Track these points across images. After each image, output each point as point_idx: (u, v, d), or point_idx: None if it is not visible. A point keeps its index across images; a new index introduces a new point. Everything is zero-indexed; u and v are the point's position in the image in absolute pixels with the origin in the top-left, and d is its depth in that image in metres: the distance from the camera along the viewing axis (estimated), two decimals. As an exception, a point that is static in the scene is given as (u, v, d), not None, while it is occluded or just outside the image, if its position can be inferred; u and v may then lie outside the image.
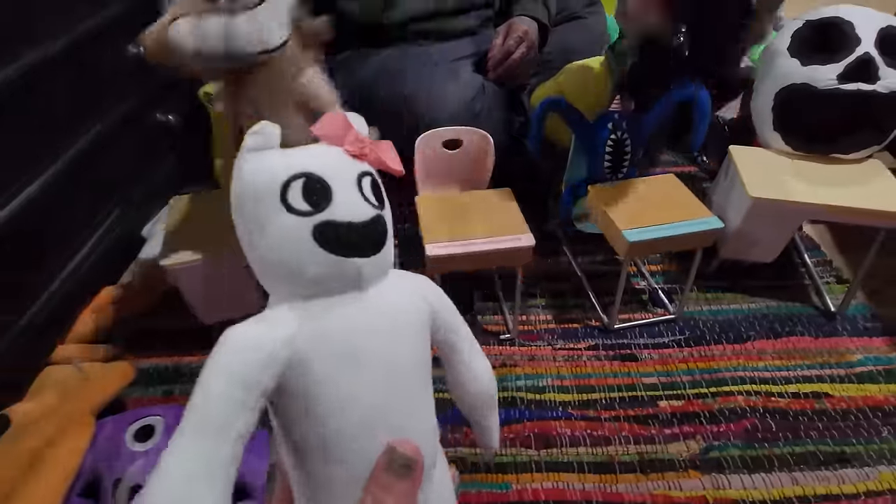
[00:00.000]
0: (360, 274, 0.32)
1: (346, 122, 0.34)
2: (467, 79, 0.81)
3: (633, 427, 0.61)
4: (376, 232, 0.33)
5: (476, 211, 0.64)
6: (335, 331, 0.32)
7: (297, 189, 0.31)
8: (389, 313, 0.34)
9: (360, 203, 0.32)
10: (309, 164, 0.32)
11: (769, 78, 0.71)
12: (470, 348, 0.40)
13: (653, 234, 0.61)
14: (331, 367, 0.31)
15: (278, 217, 0.31)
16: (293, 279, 0.32)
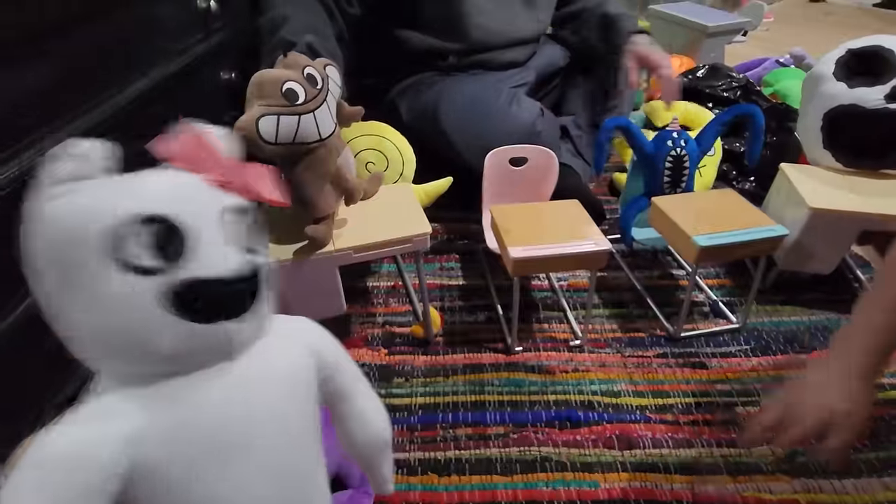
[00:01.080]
0: (230, 340, 0.25)
1: (206, 139, 0.27)
2: (528, 103, 0.87)
3: (714, 431, 0.61)
4: (251, 284, 0.26)
5: (550, 219, 0.68)
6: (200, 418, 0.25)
7: (140, 237, 0.23)
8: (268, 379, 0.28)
9: (228, 249, 0.25)
10: (152, 201, 0.23)
11: (815, 100, 0.75)
12: (357, 391, 0.34)
13: (722, 239, 0.64)
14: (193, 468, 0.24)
15: (108, 277, 0.22)
16: (136, 357, 0.24)
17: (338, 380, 0.33)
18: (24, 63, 0.45)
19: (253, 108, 0.45)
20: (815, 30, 2.16)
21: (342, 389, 0.34)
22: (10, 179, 0.42)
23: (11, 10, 0.43)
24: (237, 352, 0.26)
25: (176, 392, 0.25)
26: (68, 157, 0.23)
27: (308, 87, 0.48)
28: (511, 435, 0.60)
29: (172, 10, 0.66)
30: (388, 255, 0.63)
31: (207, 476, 0.25)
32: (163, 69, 0.63)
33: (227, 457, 0.25)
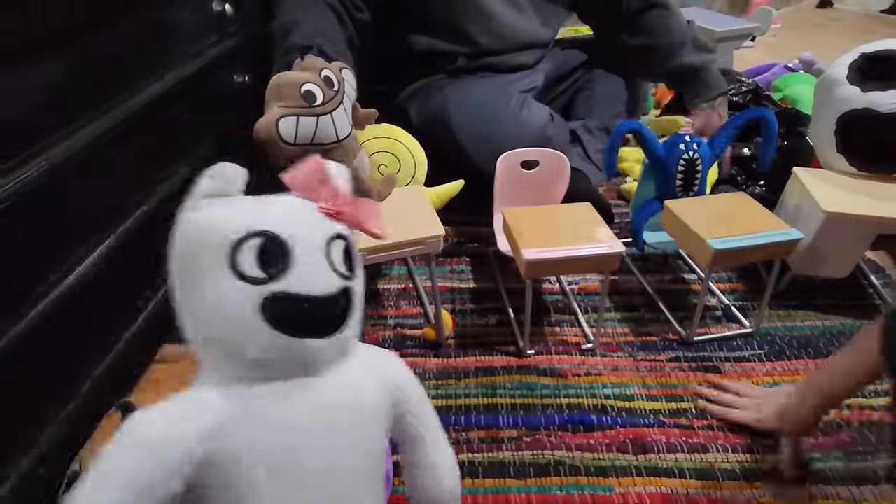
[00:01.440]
0: (314, 359, 0.26)
1: (324, 172, 0.29)
2: (538, 108, 0.88)
3: (729, 436, 0.60)
4: (340, 308, 0.27)
5: (562, 221, 0.67)
6: (275, 424, 0.26)
7: (252, 250, 0.25)
8: (344, 404, 0.28)
9: (325, 272, 0.27)
10: (271, 221, 0.26)
11: (829, 104, 0.75)
12: (435, 442, 0.33)
13: (736, 243, 0.64)
14: (262, 472, 0.25)
15: (222, 281, 0.25)
16: (230, 358, 0.26)
17: (411, 420, 0.33)
18: (42, 66, 0.45)
19: (272, 110, 0.46)
20: (823, 35, 2.16)
21: (415, 431, 0.33)
22: (29, 180, 0.43)
23: (32, 13, 0.43)
24: (318, 370, 0.27)
25: (256, 397, 0.26)
26: (212, 176, 0.27)
27: (325, 88, 0.48)
28: (524, 438, 0.59)
29: (188, 13, 0.67)
30: (401, 256, 0.63)
31: (262, 483, 0.25)
32: (178, 72, 0.64)
33: (288, 467, 0.26)
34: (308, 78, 0.47)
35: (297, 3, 0.75)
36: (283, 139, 0.46)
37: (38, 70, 0.45)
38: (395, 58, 0.94)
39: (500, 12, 0.91)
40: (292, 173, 0.28)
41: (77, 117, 0.49)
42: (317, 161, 0.30)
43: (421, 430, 0.33)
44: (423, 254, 0.63)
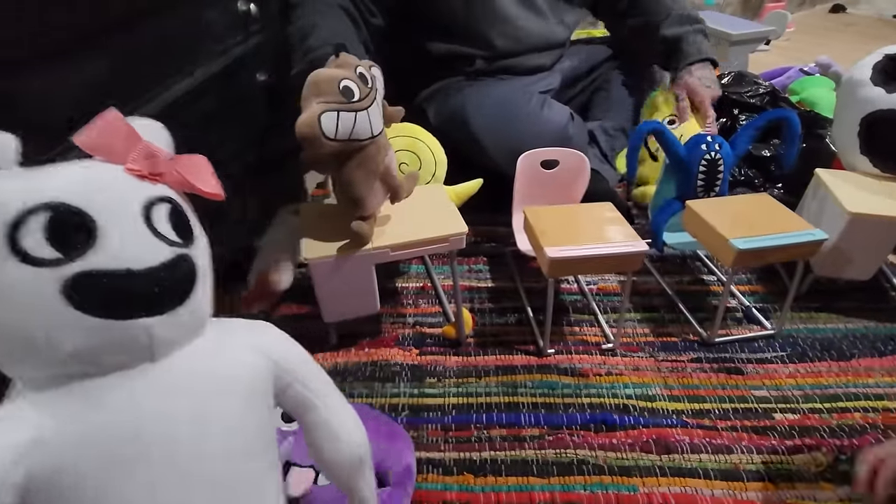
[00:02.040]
0: (150, 339, 0.23)
1: (128, 127, 0.25)
2: (558, 107, 0.88)
3: (753, 437, 0.60)
4: (174, 278, 0.24)
5: (585, 221, 0.67)
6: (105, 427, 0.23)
7: (37, 227, 0.21)
8: (198, 385, 0.26)
9: (145, 241, 0.24)
10: (60, 190, 0.22)
11: (852, 106, 0.75)
12: (328, 403, 0.32)
13: (760, 243, 0.63)
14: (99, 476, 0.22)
15: (6, 269, 0.21)
16: (41, 357, 0.22)
17: (299, 389, 0.30)
18: (79, 60, 0.46)
19: (312, 106, 0.46)
20: (836, 40, 2.15)
21: (305, 399, 0.31)
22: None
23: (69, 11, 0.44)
24: (159, 352, 0.24)
25: (87, 395, 0.23)
26: None
27: (361, 85, 0.49)
28: (546, 437, 0.59)
29: (216, 12, 0.67)
30: (423, 253, 0.63)
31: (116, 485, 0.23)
32: (206, 69, 0.65)
33: (140, 464, 0.23)
34: (345, 74, 0.48)
35: (314, 8, 0.76)
36: (325, 135, 0.46)
37: (78, 65, 0.45)
38: (411, 61, 0.95)
39: (515, 14, 0.92)
40: (85, 131, 0.24)
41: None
42: (114, 114, 0.25)
43: (309, 395, 0.31)
44: (445, 251, 0.63)
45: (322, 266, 0.58)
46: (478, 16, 0.89)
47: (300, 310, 0.76)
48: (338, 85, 0.47)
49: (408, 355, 0.70)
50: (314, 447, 0.32)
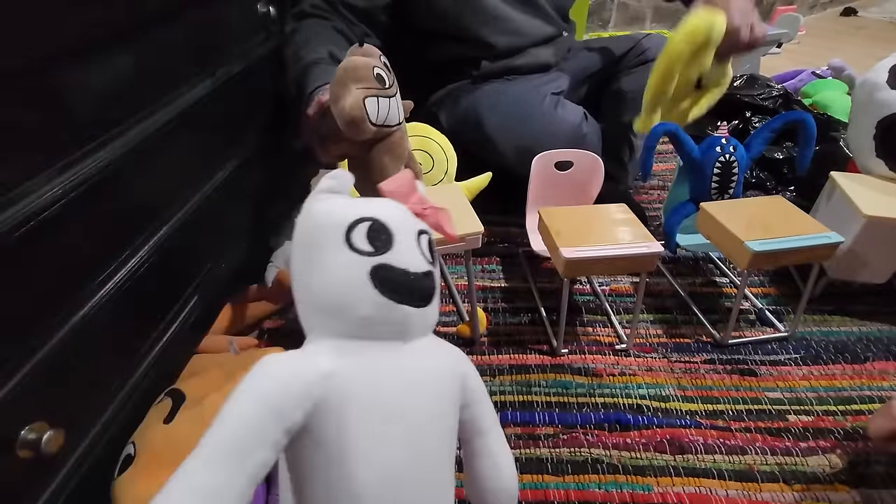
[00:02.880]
0: (406, 322, 0.31)
1: (413, 183, 0.39)
2: (572, 106, 0.88)
3: (767, 439, 0.60)
4: (427, 285, 0.33)
5: (599, 221, 0.68)
6: (374, 377, 0.31)
7: (362, 231, 0.31)
8: (428, 371, 0.33)
9: (417, 255, 0.33)
10: (376, 212, 0.33)
11: (868, 109, 0.75)
12: (496, 435, 0.37)
13: (775, 245, 0.63)
14: (364, 417, 0.30)
15: (340, 254, 0.31)
16: (343, 316, 0.31)
17: (476, 411, 0.36)
18: (107, 61, 0.47)
19: (352, 91, 0.46)
20: (848, 43, 2.14)
21: (479, 423, 0.36)
22: (100, 168, 0.44)
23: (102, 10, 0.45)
24: (409, 334, 0.32)
25: (362, 352, 0.31)
26: (330, 177, 0.34)
27: (387, 72, 0.49)
28: (561, 436, 0.60)
29: (238, 14, 0.68)
30: (440, 252, 0.63)
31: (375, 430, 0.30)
32: (227, 70, 0.66)
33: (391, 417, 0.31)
34: (375, 62, 0.48)
35: (309, 30, 0.75)
36: (370, 119, 0.47)
37: (104, 65, 0.47)
38: (415, 69, 0.95)
39: (506, 10, 0.90)
40: (389, 183, 0.37)
41: (140, 110, 0.51)
42: (408, 173, 0.38)
43: (481, 420, 0.36)
44: (461, 251, 0.64)
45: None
46: (469, 18, 0.88)
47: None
48: (372, 72, 0.47)
49: (422, 353, 0.71)
50: (475, 474, 0.36)
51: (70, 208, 0.41)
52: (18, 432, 0.38)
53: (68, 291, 0.43)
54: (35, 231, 0.38)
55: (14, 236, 0.37)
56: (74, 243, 0.43)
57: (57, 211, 0.40)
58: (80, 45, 0.43)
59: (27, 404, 0.38)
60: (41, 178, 0.40)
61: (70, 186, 0.41)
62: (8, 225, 0.36)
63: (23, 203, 0.38)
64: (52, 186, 0.40)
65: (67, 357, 0.42)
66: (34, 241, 0.38)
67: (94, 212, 0.45)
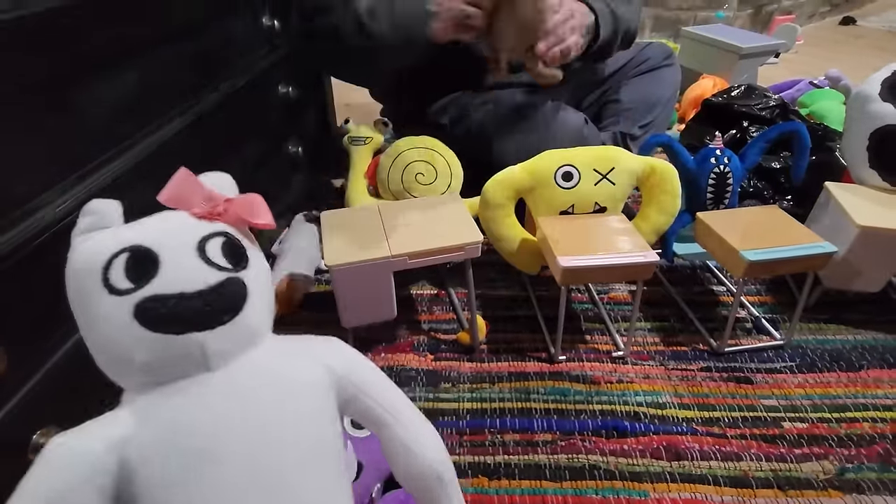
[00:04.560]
0: (203, 350, 0.27)
1: (194, 180, 0.32)
2: (573, 111, 0.90)
3: (762, 445, 0.61)
4: (222, 298, 0.28)
5: (597, 230, 0.69)
6: (175, 425, 0.27)
7: (119, 265, 0.27)
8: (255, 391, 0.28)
9: (195, 269, 0.28)
10: (136, 237, 0.28)
11: (862, 120, 0.76)
12: (402, 419, 0.33)
13: (770, 255, 0.65)
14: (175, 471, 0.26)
15: (101, 300, 0.27)
16: (125, 367, 0.28)
17: (367, 402, 0.32)
18: (119, 75, 0.49)
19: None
20: (846, 53, 2.16)
21: (376, 414, 0.33)
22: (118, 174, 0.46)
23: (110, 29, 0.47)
24: (214, 363, 0.28)
25: (158, 400, 0.27)
26: (85, 213, 0.29)
27: None
28: (559, 442, 0.61)
29: (243, 28, 0.70)
30: (440, 261, 0.65)
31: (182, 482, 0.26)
32: (233, 83, 0.67)
33: (200, 464, 0.27)
34: None
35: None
36: None
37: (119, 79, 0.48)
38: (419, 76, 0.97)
39: None
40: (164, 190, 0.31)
41: (151, 121, 0.52)
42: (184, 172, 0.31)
43: (378, 410, 0.33)
44: (461, 259, 0.65)
45: (343, 272, 0.61)
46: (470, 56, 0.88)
47: (319, 315, 0.78)
48: None
49: (423, 361, 0.72)
50: (392, 463, 0.33)
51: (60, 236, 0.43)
52: (30, 437, 0.39)
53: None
54: (48, 242, 0.40)
55: (30, 247, 0.38)
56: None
57: (70, 222, 0.42)
58: (93, 63, 0.45)
59: (38, 410, 0.40)
60: (55, 191, 0.41)
61: (82, 198, 0.43)
62: (24, 237, 0.38)
63: (39, 214, 0.39)
64: (65, 198, 0.42)
65: (77, 364, 0.43)
66: (47, 252, 0.40)
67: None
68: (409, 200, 0.74)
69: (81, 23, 0.43)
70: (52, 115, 0.41)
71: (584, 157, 0.71)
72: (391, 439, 0.33)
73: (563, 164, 0.70)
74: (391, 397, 0.33)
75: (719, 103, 1.20)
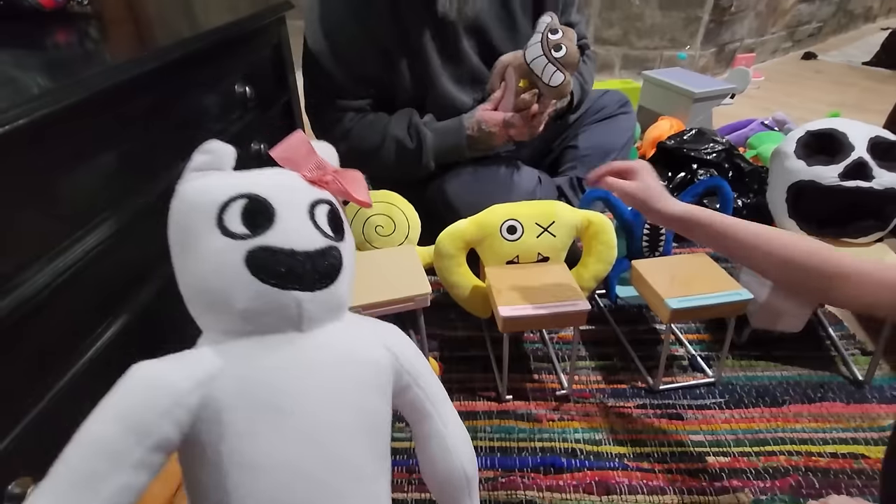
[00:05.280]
0: (300, 310, 0.28)
1: (309, 146, 0.33)
2: (527, 172, 0.97)
3: (686, 479, 0.66)
4: (324, 263, 0.29)
5: (538, 280, 0.75)
6: (262, 376, 0.28)
7: (236, 210, 0.28)
8: (334, 360, 0.30)
9: (307, 230, 0.30)
10: (254, 186, 0.29)
11: (780, 174, 0.84)
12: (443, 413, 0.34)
13: (692, 302, 0.71)
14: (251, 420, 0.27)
15: (211, 239, 0.28)
16: (221, 311, 0.28)
17: (417, 392, 0.34)
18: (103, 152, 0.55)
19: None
20: (806, 87, 2.28)
21: (422, 405, 0.34)
22: (87, 249, 0.52)
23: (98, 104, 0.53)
24: (307, 324, 0.29)
25: (249, 350, 0.28)
26: (202, 152, 0.30)
27: None
28: (499, 479, 0.66)
29: (217, 98, 0.78)
30: (391, 312, 0.71)
31: (254, 429, 0.28)
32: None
33: (274, 417, 0.28)
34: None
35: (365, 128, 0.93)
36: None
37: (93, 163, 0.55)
38: None
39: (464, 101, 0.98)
40: (278, 147, 0.32)
41: (124, 196, 0.58)
42: (299, 135, 0.33)
43: (426, 402, 0.34)
44: (412, 310, 0.71)
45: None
46: (437, 112, 0.96)
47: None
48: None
49: (380, 401, 0.77)
50: (426, 458, 0.34)
51: (58, 289, 0.48)
52: (6, 487, 0.44)
53: (55, 360, 0.50)
54: (27, 313, 0.45)
55: (9, 319, 0.44)
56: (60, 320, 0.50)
57: (46, 294, 0.47)
58: (72, 151, 0.51)
59: (15, 461, 0.45)
60: (34, 268, 0.47)
61: (58, 271, 0.49)
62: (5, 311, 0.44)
63: (18, 291, 0.45)
64: (43, 275, 0.47)
65: (53, 417, 0.48)
66: (26, 321, 0.45)
67: (79, 289, 0.52)
68: (366, 252, 0.80)
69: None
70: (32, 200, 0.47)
71: (526, 212, 0.78)
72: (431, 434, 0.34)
73: (508, 218, 0.77)
74: (437, 392, 0.35)
75: (671, 146, 1.29)
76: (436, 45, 0.91)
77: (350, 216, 0.84)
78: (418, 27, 0.88)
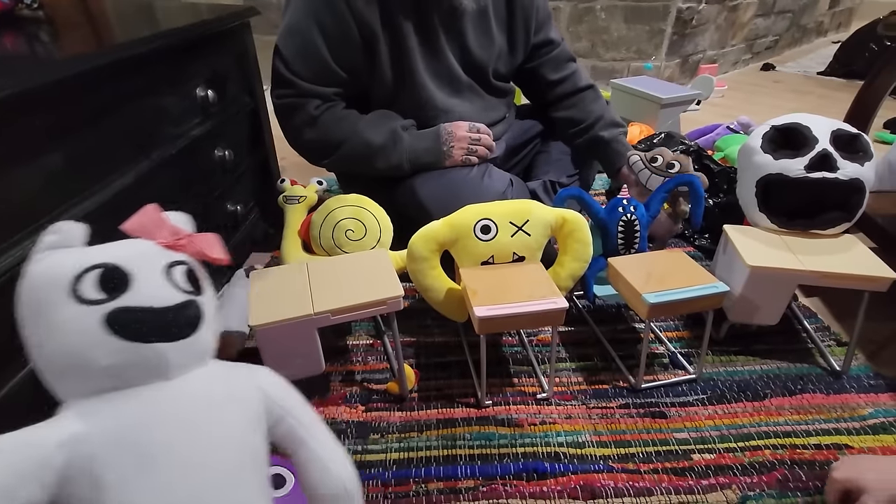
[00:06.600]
0: (164, 360, 0.31)
1: (160, 216, 0.37)
2: (498, 175, 0.96)
3: (672, 479, 0.64)
4: (185, 315, 0.32)
5: (514, 280, 0.74)
6: (131, 427, 0.29)
7: (92, 279, 0.30)
8: (205, 402, 0.32)
9: (165, 289, 0.32)
10: (108, 256, 0.32)
11: (749, 169, 0.85)
12: (317, 436, 0.36)
13: (670, 296, 0.70)
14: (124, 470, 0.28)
15: (66, 309, 0.30)
16: (83, 372, 0.30)
17: (291, 422, 0.36)
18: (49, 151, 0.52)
19: None
20: (766, 95, 2.37)
21: (296, 433, 0.36)
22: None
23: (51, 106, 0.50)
24: (170, 372, 0.31)
25: (115, 404, 0.30)
26: (51, 233, 0.32)
27: None
28: (481, 488, 0.63)
29: (176, 100, 0.74)
30: (364, 316, 0.68)
31: (129, 481, 0.29)
32: (165, 151, 0.71)
33: (148, 465, 0.29)
34: None
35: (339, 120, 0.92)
36: None
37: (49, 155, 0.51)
38: None
39: (450, 105, 0.99)
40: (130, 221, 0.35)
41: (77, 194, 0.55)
42: (152, 207, 0.36)
43: (301, 432, 0.37)
44: (384, 313, 0.68)
45: (266, 332, 0.63)
46: (418, 113, 0.97)
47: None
48: None
49: (354, 412, 0.73)
50: (309, 483, 0.36)
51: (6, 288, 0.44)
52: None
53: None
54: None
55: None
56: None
57: None
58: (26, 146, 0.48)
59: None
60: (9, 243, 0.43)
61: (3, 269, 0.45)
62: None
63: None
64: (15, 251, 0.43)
65: None
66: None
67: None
68: (337, 257, 0.77)
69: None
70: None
71: (500, 211, 0.76)
72: (308, 458, 0.36)
73: (481, 217, 0.75)
74: (311, 419, 0.37)
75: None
76: (418, 38, 0.92)
77: (320, 220, 0.81)
78: (403, 16, 0.89)
